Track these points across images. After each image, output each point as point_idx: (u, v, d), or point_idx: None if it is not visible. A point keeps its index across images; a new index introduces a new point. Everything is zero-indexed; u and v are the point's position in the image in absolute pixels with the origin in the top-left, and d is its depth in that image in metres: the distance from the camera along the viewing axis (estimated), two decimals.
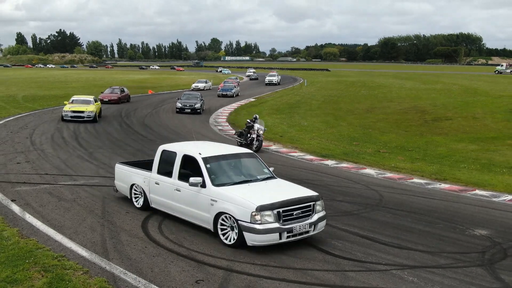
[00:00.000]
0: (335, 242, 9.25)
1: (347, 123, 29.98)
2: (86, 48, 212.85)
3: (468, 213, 12.13)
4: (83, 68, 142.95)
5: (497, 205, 13.06)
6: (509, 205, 13.13)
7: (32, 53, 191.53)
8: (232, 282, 7.25)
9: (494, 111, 32.79)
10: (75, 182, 13.06)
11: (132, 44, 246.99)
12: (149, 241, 8.85)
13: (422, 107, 35.64)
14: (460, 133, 25.78)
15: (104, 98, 36.10)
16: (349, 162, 18.45)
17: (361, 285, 7.36)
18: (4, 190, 11.88)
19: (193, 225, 9.75)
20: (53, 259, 7.71)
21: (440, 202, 13.11)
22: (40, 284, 6.85)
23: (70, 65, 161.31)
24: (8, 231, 8.96)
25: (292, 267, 7.93)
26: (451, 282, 7.59)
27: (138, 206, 10.81)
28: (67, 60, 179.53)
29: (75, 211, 10.47)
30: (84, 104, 26.89)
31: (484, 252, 9.12)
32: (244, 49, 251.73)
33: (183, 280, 7.23)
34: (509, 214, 12.21)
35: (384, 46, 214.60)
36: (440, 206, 12.64)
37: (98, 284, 6.93)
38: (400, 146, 22.20)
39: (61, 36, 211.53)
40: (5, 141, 19.30)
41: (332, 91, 52.63)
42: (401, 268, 8.09)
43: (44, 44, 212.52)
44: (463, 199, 13.58)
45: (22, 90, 49.04)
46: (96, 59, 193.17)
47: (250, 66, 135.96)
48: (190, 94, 35.61)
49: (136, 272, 7.44)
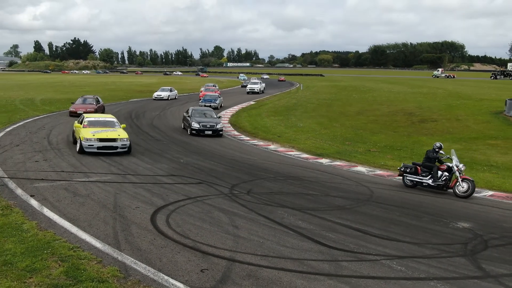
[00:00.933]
0: (329, 234, 9.25)
1: (340, 124, 29.96)
2: (98, 55, 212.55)
3: (452, 207, 12.15)
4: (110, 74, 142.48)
5: (478, 200, 13.08)
6: (490, 200, 13.16)
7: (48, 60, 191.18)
8: (234, 271, 7.25)
9: (475, 113, 32.77)
10: (89, 179, 13.06)
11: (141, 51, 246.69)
12: (157, 233, 8.85)
13: (409, 109, 35.61)
14: (444, 134, 25.76)
15: (77, 110, 27.72)
16: (342, 161, 18.45)
17: (353, 273, 7.38)
18: (23, 186, 11.88)
19: (197, 218, 9.77)
20: (69, 250, 7.72)
21: (426, 197, 13.13)
22: (57, 272, 6.86)
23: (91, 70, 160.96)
24: (28, 224, 8.97)
25: (290, 257, 7.93)
26: (436, 271, 7.60)
27: None
28: (81, 66, 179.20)
29: (89, 206, 10.48)
30: (108, 127, 17.61)
31: (466, 244, 9.13)
32: (245, 56, 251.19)
33: (189, 269, 7.24)
34: (490, 209, 12.24)
35: (374, 53, 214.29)
36: (426, 201, 12.66)
37: (111, 272, 6.94)
38: (389, 146, 22.20)
39: (75, 44, 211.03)
40: (24, 141, 19.28)
41: (326, 95, 52.57)
42: (390, 258, 8.10)
43: (60, 51, 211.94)
44: (447, 195, 13.59)
45: (39, 94, 48.99)
46: (108, 65, 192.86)
47: (263, 72, 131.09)
48: (202, 110, 25.85)
49: (145, 261, 7.44)
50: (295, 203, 11.52)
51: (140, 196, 11.39)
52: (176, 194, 11.82)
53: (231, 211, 10.50)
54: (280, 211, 10.73)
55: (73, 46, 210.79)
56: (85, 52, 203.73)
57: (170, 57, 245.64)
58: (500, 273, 7.70)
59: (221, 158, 17.58)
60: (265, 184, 13.64)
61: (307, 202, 11.77)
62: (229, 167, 15.88)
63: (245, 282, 6.87)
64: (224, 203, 11.16)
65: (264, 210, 10.77)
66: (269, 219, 10.04)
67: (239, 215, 10.26)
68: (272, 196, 12.13)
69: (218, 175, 14.27)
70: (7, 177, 12.82)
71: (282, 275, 7.18)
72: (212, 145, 20.84)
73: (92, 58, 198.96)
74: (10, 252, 7.53)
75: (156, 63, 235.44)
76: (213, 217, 9.98)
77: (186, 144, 20.60)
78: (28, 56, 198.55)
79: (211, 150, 19.27)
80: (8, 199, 10.64)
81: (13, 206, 10.11)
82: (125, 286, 6.59)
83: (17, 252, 7.55)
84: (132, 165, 15.30)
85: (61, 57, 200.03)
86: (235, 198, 11.68)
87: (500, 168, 17.41)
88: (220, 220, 9.80)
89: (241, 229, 9.29)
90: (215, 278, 6.96)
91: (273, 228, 9.48)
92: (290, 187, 13.50)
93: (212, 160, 16.98)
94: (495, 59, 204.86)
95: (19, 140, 19.35)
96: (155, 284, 6.69)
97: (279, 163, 17.44)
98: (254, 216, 10.27)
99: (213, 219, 9.88)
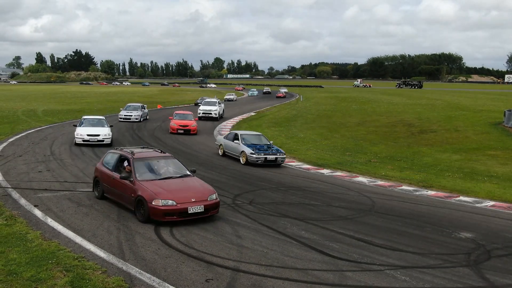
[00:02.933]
0: (333, 244, 9.22)
1: (340, 135, 30.00)
2: (100, 66, 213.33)
3: (454, 217, 12.12)
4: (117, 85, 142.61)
5: (480, 210, 13.06)
6: (491, 210, 13.13)
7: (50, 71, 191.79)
8: (239, 281, 7.22)
9: (474, 124, 32.83)
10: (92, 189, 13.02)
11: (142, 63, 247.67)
12: (161, 243, 8.82)
13: (409, 120, 35.68)
14: (444, 144, 25.78)
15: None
16: (343, 171, 18.44)
17: (358, 283, 7.34)
18: (27, 196, 11.86)
19: (201, 228, 9.74)
20: (73, 260, 7.69)
21: (428, 208, 13.10)
22: (62, 282, 6.82)
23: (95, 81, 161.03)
24: (32, 234, 8.94)
25: (294, 267, 7.90)
26: (441, 281, 7.57)
27: None
28: (82, 77, 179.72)
29: (93, 216, 10.45)
30: None
31: (469, 254, 9.11)
32: (245, 67, 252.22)
33: (194, 279, 7.20)
34: (491, 219, 12.21)
35: (372, 65, 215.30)
36: (427, 211, 12.63)
37: (116, 282, 6.90)
38: (390, 156, 22.21)
39: (77, 56, 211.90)
40: (27, 151, 19.28)
41: (326, 106, 52.70)
42: (394, 268, 8.07)
43: (62, 63, 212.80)
44: (449, 205, 13.57)
45: (41, 104, 49.09)
46: (109, 76, 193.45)
47: (280, 84, 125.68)
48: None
49: (150, 271, 7.41)
50: (297, 213, 11.50)
51: None
52: None
53: (235, 221, 10.48)
54: (283, 221, 10.71)
55: (75, 57, 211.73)
56: (87, 64, 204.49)
57: (171, 68, 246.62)
58: (505, 283, 7.66)
59: (222, 168, 17.57)
60: (267, 194, 13.62)
61: (310, 212, 11.74)
62: (230, 177, 15.86)
63: None
64: (227, 213, 11.14)
65: (267, 220, 10.74)
66: (272, 229, 10.01)
67: (242, 225, 10.24)
68: (275, 206, 12.11)
69: (221, 186, 14.25)
70: (11, 187, 12.80)
71: (287, 285, 7.14)
72: (214, 156, 20.83)
73: (94, 70, 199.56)
74: (15, 262, 7.50)
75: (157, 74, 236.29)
76: (216, 227, 9.96)
77: (188, 155, 20.59)
78: (30, 67, 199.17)
79: (213, 161, 19.26)
80: (12, 209, 10.62)
81: (17, 216, 10.09)
82: None
83: (22, 262, 7.52)
84: None
85: (63, 69, 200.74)
86: (238, 208, 11.65)
87: (500, 179, 17.41)
88: (223, 230, 9.78)
89: (244, 239, 9.26)
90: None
91: (276, 238, 9.45)
92: (292, 197, 13.48)
93: (214, 170, 16.97)
94: (493, 71, 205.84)
95: (22, 151, 19.34)
96: None
97: (280, 173, 17.43)
98: (257, 226, 10.24)
99: (216, 229, 9.85)
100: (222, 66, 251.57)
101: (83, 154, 19.26)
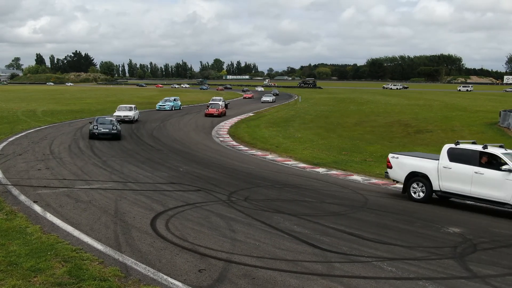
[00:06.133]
0: (323, 238, 9.50)
1: (337, 135, 30.30)
2: (99, 67, 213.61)
3: (444, 213, 12.41)
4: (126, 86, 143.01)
5: (470, 207, 13.34)
6: (481, 207, 13.40)
7: (50, 72, 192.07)
8: (231, 271, 7.50)
9: (471, 124, 33.14)
10: (90, 186, 13.33)
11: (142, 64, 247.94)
12: (157, 236, 9.09)
13: (406, 120, 35.98)
14: (439, 144, 25.94)
15: None
16: (338, 170, 18.73)
17: (345, 274, 7.62)
18: (27, 193, 12.14)
19: (196, 223, 10.02)
20: (71, 252, 7.96)
21: (420, 204, 13.37)
22: (61, 272, 7.11)
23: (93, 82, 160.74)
24: (32, 228, 9.22)
25: (285, 259, 8.18)
26: (425, 272, 7.84)
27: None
28: (82, 78, 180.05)
29: (91, 211, 10.73)
30: None
31: (456, 247, 9.38)
32: (244, 68, 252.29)
33: (187, 269, 7.48)
34: (481, 215, 12.50)
35: (371, 66, 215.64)
36: (419, 208, 12.91)
37: (112, 272, 7.18)
38: (385, 156, 22.31)
39: (76, 57, 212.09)
40: (27, 150, 19.57)
41: (324, 107, 53.01)
42: (381, 259, 8.34)
43: (61, 64, 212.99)
44: (440, 202, 13.85)
45: (41, 105, 49.39)
46: (109, 78, 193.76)
47: (280, 85, 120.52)
48: None
49: (145, 262, 7.68)
50: (291, 209, 11.78)
51: (140, 202, 11.65)
52: (176, 200, 12.08)
53: (229, 216, 10.76)
54: (276, 217, 10.98)
55: (74, 58, 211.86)
56: (86, 65, 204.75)
57: (170, 69, 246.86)
58: (487, 274, 7.94)
59: (219, 167, 17.86)
60: (263, 191, 13.91)
61: (303, 208, 12.02)
62: (227, 175, 16.15)
63: (241, 281, 7.12)
64: (222, 209, 11.42)
65: (261, 215, 11.02)
66: (265, 224, 10.29)
67: (237, 220, 10.52)
68: (269, 203, 12.39)
69: (217, 183, 14.54)
70: (11, 184, 13.09)
71: (277, 275, 7.42)
72: (211, 155, 21.13)
73: (93, 71, 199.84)
74: (15, 254, 7.78)
75: (156, 75, 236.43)
76: (211, 222, 10.24)
77: (186, 154, 20.89)
78: (29, 68, 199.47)
79: (210, 160, 19.56)
80: (12, 205, 10.91)
81: (17, 211, 10.38)
82: (126, 284, 6.84)
83: (22, 253, 7.80)
84: (132, 173, 15.58)
85: (62, 70, 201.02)
86: (232, 204, 11.94)
87: None
88: (218, 225, 10.05)
89: (238, 233, 9.54)
90: (212, 277, 7.20)
91: (269, 232, 9.73)
92: (286, 194, 13.76)
93: (211, 169, 17.26)
94: (492, 72, 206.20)
95: (22, 150, 19.63)
96: (155, 283, 6.93)
97: (276, 171, 17.72)
98: (251, 221, 10.52)
99: (211, 223, 10.13)
100: (222, 67, 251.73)
101: (82, 153, 19.55)
